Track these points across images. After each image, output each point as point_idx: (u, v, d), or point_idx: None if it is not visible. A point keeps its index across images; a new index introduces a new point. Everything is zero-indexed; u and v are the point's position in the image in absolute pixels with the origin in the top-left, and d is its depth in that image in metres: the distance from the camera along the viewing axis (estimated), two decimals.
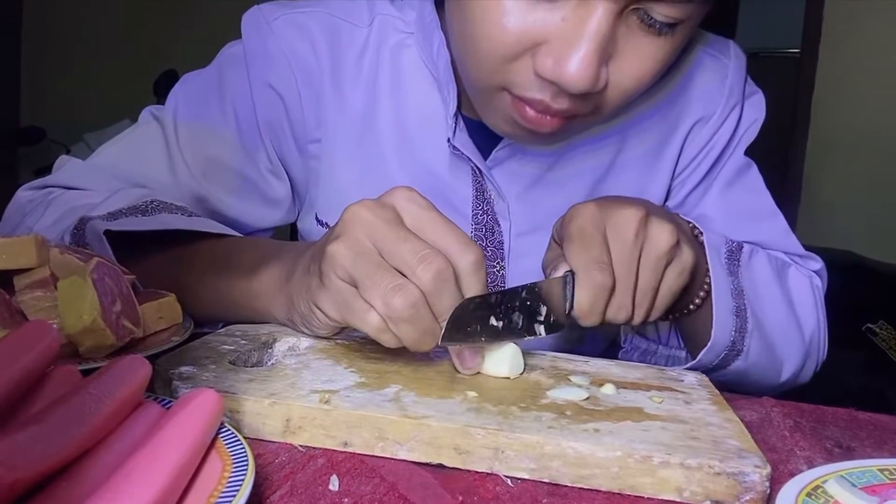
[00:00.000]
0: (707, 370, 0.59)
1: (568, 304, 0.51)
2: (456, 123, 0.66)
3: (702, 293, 0.60)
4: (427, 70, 0.68)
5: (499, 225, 0.70)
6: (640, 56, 0.55)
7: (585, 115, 0.58)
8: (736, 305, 0.60)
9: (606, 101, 0.57)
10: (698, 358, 0.59)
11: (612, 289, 0.52)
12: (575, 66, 0.51)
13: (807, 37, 2.90)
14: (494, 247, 0.70)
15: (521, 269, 0.70)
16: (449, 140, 0.66)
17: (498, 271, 0.70)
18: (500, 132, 0.63)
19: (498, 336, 0.46)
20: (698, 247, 0.59)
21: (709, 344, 0.58)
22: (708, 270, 0.59)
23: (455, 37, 0.60)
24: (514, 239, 0.70)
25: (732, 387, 0.56)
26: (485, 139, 0.67)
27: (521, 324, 0.48)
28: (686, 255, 0.55)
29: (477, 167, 0.67)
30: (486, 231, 0.70)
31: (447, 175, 0.69)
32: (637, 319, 0.55)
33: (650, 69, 0.56)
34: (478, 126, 0.66)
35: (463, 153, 0.66)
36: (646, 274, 0.54)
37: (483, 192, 0.69)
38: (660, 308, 0.56)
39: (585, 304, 0.51)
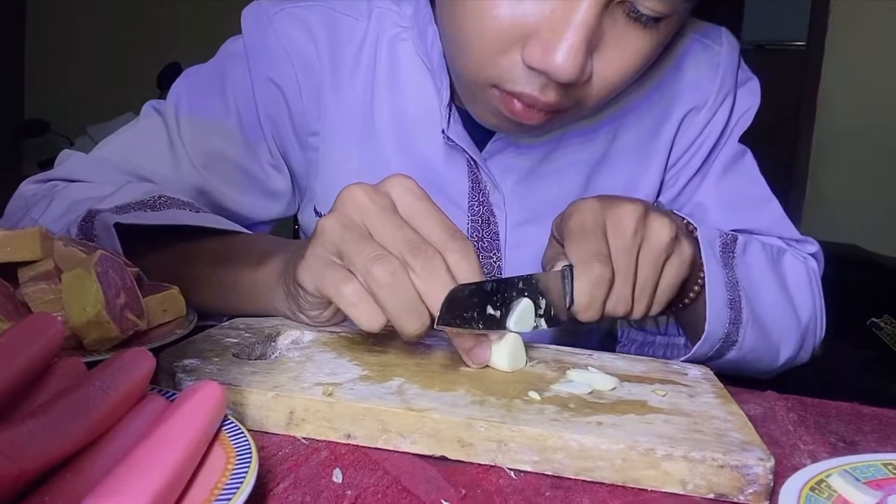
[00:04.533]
0: (703, 361, 0.59)
1: (567, 299, 0.51)
2: (450, 115, 0.66)
3: (696, 287, 0.60)
4: (422, 63, 0.68)
5: (494, 216, 0.70)
6: (624, 49, 0.55)
7: (569, 110, 0.58)
8: (730, 297, 0.61)
9: (590, 94, 0.57)
10: (693, 351, 0.60)
11: (612, 282, 0.52)
12: (562, 56, 0.52)
13: (813, 29, 2.89)
14: (490, 238, 0.70)
15: (518, 260, 0.70)
16: (443, 131, 0.66)
17: (495, 262, 0.70)
18: (486, 124, 0.63)
19: (496, 325, 0.46)
20: (693, 242, 0.60)
21: (703, 336, 0.59)
22: (702, 265, 0.59)
23: (446, 32, 0.60)
24: (511, 230, 0.70)
25: (729, 373, 0.57)
26: (480, 131, 0.67)
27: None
28: (685, 249, 0.56)
29: (472, 158, 0.68)
30: (482, 222, 0.70)
31: (443, 167, 0.69)
32: (637, 314, 0.55)
33: (634, 63, 0.56)
34: (472, 118, 0.66)
35: (457, 144, 0.67)
36: (645, 267, 0.54)
37: (478, 183, 0.69)
38: (660, 302, 0.56)
39: (584, 297, 0.51)
